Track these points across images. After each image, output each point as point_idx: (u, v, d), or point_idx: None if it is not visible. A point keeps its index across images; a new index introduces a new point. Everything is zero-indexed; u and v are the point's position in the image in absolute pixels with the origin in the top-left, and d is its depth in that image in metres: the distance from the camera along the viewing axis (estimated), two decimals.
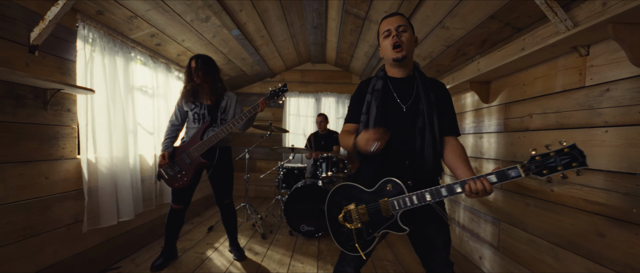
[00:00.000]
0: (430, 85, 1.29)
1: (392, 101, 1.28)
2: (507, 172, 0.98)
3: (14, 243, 1.58)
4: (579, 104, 1.56)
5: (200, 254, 2.50)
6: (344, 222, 1.25)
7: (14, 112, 1.58)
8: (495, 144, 2.24)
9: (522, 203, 1.93)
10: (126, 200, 2.23)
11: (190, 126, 2.23)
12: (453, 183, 1.07)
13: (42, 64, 1.73)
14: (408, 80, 1.30)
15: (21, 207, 1.62)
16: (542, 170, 0.93)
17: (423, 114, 1.22)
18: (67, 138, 1.89)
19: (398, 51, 1.23)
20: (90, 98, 2.00)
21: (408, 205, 1.11)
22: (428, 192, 1.08)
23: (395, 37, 1.22)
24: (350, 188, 1.28)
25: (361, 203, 1.22)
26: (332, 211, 1.32)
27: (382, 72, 1.34)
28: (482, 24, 2.11)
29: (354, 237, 1.21)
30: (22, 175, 1.62)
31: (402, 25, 1.24)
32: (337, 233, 1.29)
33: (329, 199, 1.34)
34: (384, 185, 1.17)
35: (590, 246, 1.47)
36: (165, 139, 2.19)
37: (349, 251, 1.25)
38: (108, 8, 2.02)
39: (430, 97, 1.25)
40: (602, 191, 1.42)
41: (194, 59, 2.13)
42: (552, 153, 0.92)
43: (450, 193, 1.06)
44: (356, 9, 2.65)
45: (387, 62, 1.32)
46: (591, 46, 1.51)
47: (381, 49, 1.33)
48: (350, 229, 1.23)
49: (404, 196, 1.12)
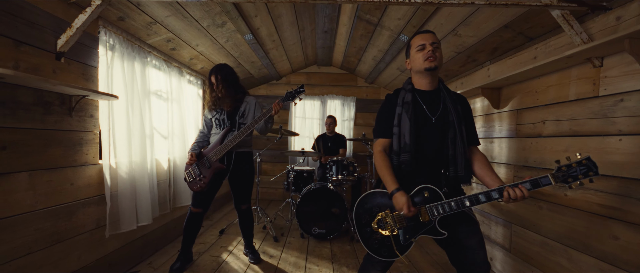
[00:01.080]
0: (456, 98, 1.39)
1: (421, 112, 1.34)
2: (539, 180, 1.10)
3: (42, 249, 1.59)
4: (592, 113, 1.63)
5: (215, 257, 2.52)
6: (378, 229, 1.29)
7: (43, 119, 1.59)
8: (507, 149, 2.32)
9: (535, 206, 2.00)
10: (144, 205, 2.25)
11: (213, 132, 2.29)
12: (490, 190, 1.15)
13: (68, 71, 1.74)
14: (435, 93, 1.38)
15: (49, 214, 1.63)
16: (567, 178, 1.08)
17: (454, 126, 1.30)
18: (90, 144, 1.90)
19: (431, 61, 1.30)
20: (111, 104, 2.02)
21: (447, 211, 1.18)
22: (467, 199, 1.15)
23: (430, 52, 1.30)
24: (382, 195, 1.32)
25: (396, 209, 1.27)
26: (361, 218, 1.35)
27: (409, 85, 1.40)
28: (495, 32, 2.18)
29: (392, 243, 1.25)
30: (50, 182, 1.63)
31: (435, 42, 1.32)
32: (369, 240, 1.32)
33: (357, 206, 1.37)
34: (420, 191, 1.23)
35: (605, 248, 1.54)
36: (194, 143, 2.30)
37: (383, 257, 1.28)
38: (130, 14, 2.03)
39: (458, 110, 1.34)
40: (616, 196, 1.50)
41: (214, 75, 2.18)
42: (574, 163, 1.07)
43: (488, 199, 1.14)
44: (369, 15, 2.70)
45: (418, 73, 1.37)
46: (605, 58, 1.58)
47: (411, 61, 1.40)
48: (386, 236, 1.27)
49: (443, 203, 1.18)
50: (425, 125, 1.33)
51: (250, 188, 2.40)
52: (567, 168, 1.08)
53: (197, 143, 2.30)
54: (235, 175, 2.29)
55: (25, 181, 1.50)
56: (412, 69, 1.40)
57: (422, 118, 1.33)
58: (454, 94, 1.41)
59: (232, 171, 2.27)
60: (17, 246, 1.46)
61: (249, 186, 2.39)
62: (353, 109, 4.68)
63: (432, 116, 1.33)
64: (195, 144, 2.29)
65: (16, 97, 1.46)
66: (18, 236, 1.46)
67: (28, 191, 1.51)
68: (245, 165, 2.31)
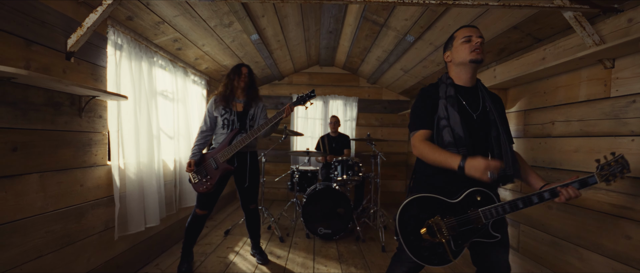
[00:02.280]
0: (494, 98, 1.36)
1: (463, 109, 1.29)
2: (587, 180, 1.14)
3: (52, 252, 1.56)
4: (604, 114, 1.65)
5: (222, 258, 2.51)
6: (428, 236, 1.21)
7: (53, 120, 1.57)
8: (515, 149, 2.33)
9: (544, 206, 2.02)
10: (152, 206, 2.23)
11: (219, 132, 2.25)
12: (542, 191, 1.16)
13: (77, 71, 1.72)
14: (473, 89, 1.33)
15: (60, 216, 1.60)
16: (609, 177, 1.11)
17: (496, 125, 1.26)
18: (99, 145, 1.88)
19: (478, 53, 1.25)
20: (119, 104, 1.99)
21: (501, 213, 1.16)
22: (520, 201, 1.15)
23: (478, 44, 1.25)
24: (427, 200, 1.24)
25: (446, 215, 1.21)
26: (406, 225, 1.24)
27: (449, 79, 1.33)
28: (504, 33, 2.20)
29: (447, 250, 1.19)
30: (60, 183, 1.61)
31: (481, 36, 1.28)
32: (417, 248, 1.23)
33: (401, 212, 1.25)
34: (472, 195, 1.19)
35: (617, 247, 1.56)
36: (194, 146, 2.22)
37: (435, 264, 1.22)
38: (138, 14, 2.01)
39: (498, 109, 1.32)
40: (629, 196, 1.52)
41: (245, 67, 2.27)
42: (613, 162, 1.10)
43: (541, 200, 1.15)
44: (376, 15, 2.70)
45: (460, 65, 1.30)
46: (617, 59, 1.60)
47: (453, 53, 1.33)
48: (438, 243, 1.20)
49: (497, 206, 1.16)
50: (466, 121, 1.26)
51: (258, 188, 2.40)
52: (608, 167, 1.11)
53: (198, 146, 2.23)
54: (244, 175, 2.27)
55: (36, 183, 1.48)
56: (452, 61, 1.34)
57: (463, 114, 1.27)
58: (492, 93, 1.38)
59: (242, 172, 2.26)
60: (28, 249, 1.43)
61: (257, 186, 2.39)
62: (355, 110, 4.68)
63: (473, 112, 1.28)
64: (196, 148, 2.22)
65: (27, 97, 1.43)
66: (29, 240, 1.44)
67: (39, 193, 1.49)
68: (253, 165, 2.30)
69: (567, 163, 1.85)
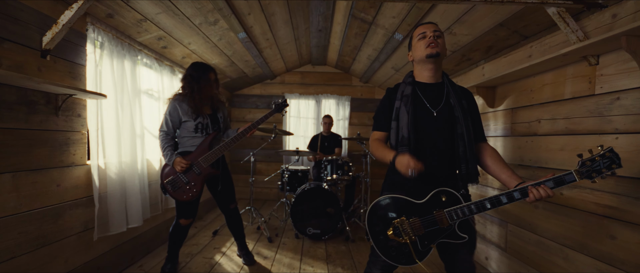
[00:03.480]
0: (462, 93, 1.32)
1: (421, 106, 1.28)
2: (563, 177, 1.05)
3: (26, 253, 1.53)
4: (588, 111, 1.62)
5: (208, 259, 2.48)
6: (395, 237, 1.21)
7: (27, 119, 1.54)
8: (502, 148, 2.30)
9: (531, 205, 1.99)
10: (135, 206, 2.19)
11: (189, 135, 2.09)
12: (512, 190, 1.09)
13: (54, 69, 1.69)
14: (437, 86, 1.32)
15: (34, 216, 1.57)
16: (591, 173, 1.02)
17: (460, 120, 1.24)
18: (77, 144, 1.85)
19: (433, 47, 1.24)
20: (99, 103, 1.96)
21: (467, 214, 1.12)
22: (488, 201, 1.10)
23: (432, 38, 1.25)
24: (395, 200, 1.24)
25: (412, 216, 1.20)
26: (376, 226, 1.26)
27: (410, 78, 1.34)
28: (490, 31, 2.17)
29: (411, 250, 1.18)
30: (35, 183, 1.58)
31: (437, 31, 1.28)
32: (385, 248, 1.24)
33: (370, 213, 1.28)
34: (437, 195, 1.17)
35: (601, 247, 1.53)
36: (166, 149, 2.02)
37: (401, 264, 1.22)
38: (118, 11, 1.98)
39: (464, 104, 1.28)
40: (613, 195, 1.49)
41: (213, 73, 2.16)
42: (598, 157, 1.01)
43: (510, 200, 1.09)
44: (364, 13, 2.67)
45: (420, 63, 1.31)
46: (601, 55, 1.57)
47: (413, 52, 1.34)
48: (403, 243, 1.20)
49: (463, 207, 1.13)
50: (426, 119, 1.26)
51: (233, 187, 2.35)
52: (591, 162, 1.02)
53: (171, 147, 2.03)
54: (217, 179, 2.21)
55: (9, 183, 1.45)
56: (414, 60, 1.35)
57: (422, 112, 1.27)
58: (459, 87, 1.34)
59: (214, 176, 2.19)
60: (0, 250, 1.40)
61: (232, 185, 2.34)
62: (348, 109, 4.65)
63: (433, 109, 1.27)
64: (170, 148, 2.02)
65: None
66: (1, 241, 1.41)
67: (11, 194, 1.46)
68: (224, 168, 2.27)
69: (553, 162, 1.82)
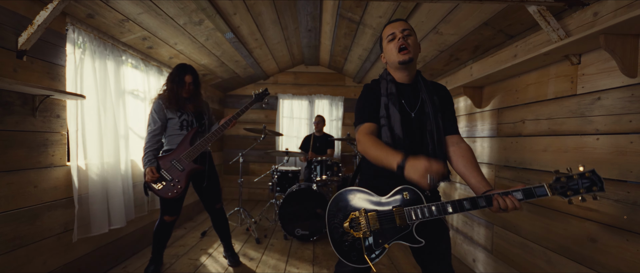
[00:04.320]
0: (433, 88, 1.28)
1: (402, 107, 1.23)
2: (534, 190, 0.98)
3: (2, 255, 1.53)
4: (570, 112, 1.59)
5: (193, 260, 2.47)
6: (350, 230, 1.15)
7: (2, 120, 1.53)
8: (489, 149, 2.28)
9: None
10: (117, 207, 2.18)
11: (173, 133, 2.12)
12: (477, 197, 1.02)
13: (31, 70, 1.68)
14: (413, 86, 1.27)
15: (9, 217, 1.56)
16: (567, 191, 0.96)
17: (430, 117, 1.20)
18: (56, 145, 1.84)
19: (404, 53, 1.19)
20: (80, 103, 1.95)
21: (426, 215, 1.06)
22: (450, 204, 1.04)
23: (401, 40, 1.19)
24: (357, 192, 1.19)
25: (371, 210, 1.14)
26: (334, 217, 1.19)
27: (389, 76, 1.28)
28: (476, 30, 2.14)
29: (362, 247, 1.12)
30: (10, 184, 1.57)
31: (406, 29, 1.22)
32: (339, 242, 1.17)
33: (331, 204, 1.22)
34: (400, 192, 1.11)
35: (583, 251, 1.50)
36: (148, 153, 2.02)
37: (352, 262, 1.14)
38: (98, 11, 1.97)
39: (435, 100, 1.24)
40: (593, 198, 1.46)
41: (190, 74, 2.14)
42: (576, 176, 0.95)
43: (474, 207, 1.02)
44: (351, 13, 2.65)
45: (392, 66, 1.26)
46: (583, 54, 1.54)
47: (385, 54, 1.29)
48: (357, 238, 1.14)
49: (423, 207, 1.07)
50: (404, 120, 1.21)
51: (219, 186, 2.34)
52: (566, 179, 0.96)
53: (153, 151, 2.03)
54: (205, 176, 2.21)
55: None
56: (387, 63, 1.30)
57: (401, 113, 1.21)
58: (431, 83, 1.30)
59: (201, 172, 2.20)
60: None
61: (218, 184, 2.33)
62: (341, 109, 4.63)
63: (411, 111, 1.23)
64: (151, 154, 2.02)
65: None
66: None
67: None
68: (211, 164, 2.27)
69: (537, 163, 1.80)
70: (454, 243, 2.71)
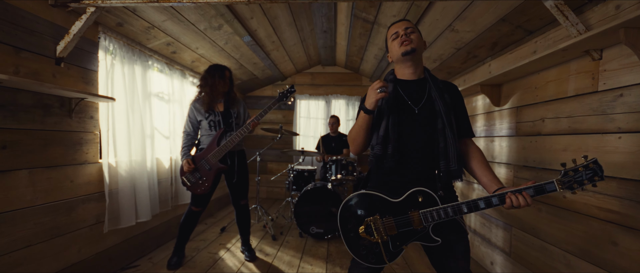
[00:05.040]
0: (444, 86, 1.29)
1: (403, 103, 1.25)
2: (544, 186, 1.00)
3: (42, 242, 1.70)
4: (591, 110, 1.53)
5: (213, 254, 2.58)
6: (366, 235, 1.18)
7: (43, 120, 1.70)
8: (507, 149, 2.21)
9: (534, 209, 1.90)
10: (144, 202, 2.34)
11: (205, 133, 2.31)
12: (490, 196, 1.05)
13: (67, 75, 1.85)
14: (419, 82, 1.29)
15: (49, 209, 1.73)
16: (573, 184, 0.98)
17: (441, 115, 1.20)
18: (90, 144, 2.01)
19: (406, 44, 1.21)
20: (111, 105, 2.12)
21: (443, 217, 1.09)
22: (465, 205, 1.06)
23: (404, 36, 1.22)
24: (369, 197, 1.21)
25: (386, 215, 1.16)
26: (347, 222, 1.23)
27: (391, 76, 1.32)
28: (493, 27, 2.09)
29: (382, 251, 1.15)
30: (50, 179, 1.74)
31: (409, 27, 1.25)
32: (355, 246, 1.20)
33: (342, 209, 1.25)
34: (414, 195, 1.13)
35: (603, 254, 1.44)
36: (183, 148, 2.28)
37: (370, 263, 1.18)
38: (127, 20, 2.12)
39: (446, 98, 1.24)
40: (615, 199, 1.39)
41: (228, 70, 2.34)
42: (581, 168, 0.97)
43: (488, 205, 1.05)
44: (365, 13, 2.67)
45: (397, 61, 1.29)
46: (604, 49, 1.48)
47: (390, 52, 1.32)
48: (375, 242, 1.17)
49: (438, 209, 1.09)
50: (408, 116, 1.23)
51: (248, 184, 2.47)
52: (574, 172, 0.98)
53: (186, 147, 2.28)
54: (234, 173, 2.34)
55: (25, 178, 1.61)
56: (393, 61, 1.32)
57: (403, 109, 1.24)
58: (441, 82, 1.30)
59: (231, 169, 2.33)
60: (16, 239, 1.56)
61: (247, 182, 2.46)
62: (358, 109, 4.63)
63: (415, 106, 1.24)
64: (186, 149, 2.28)
65: (16, 100, 1.56)
66: (18, 230, 1.57)
67: (28, 188, 1.62)
68: (242, 163, 2.39)
69: (556, 163, 1.73)
70: (472, 245, 2.65)
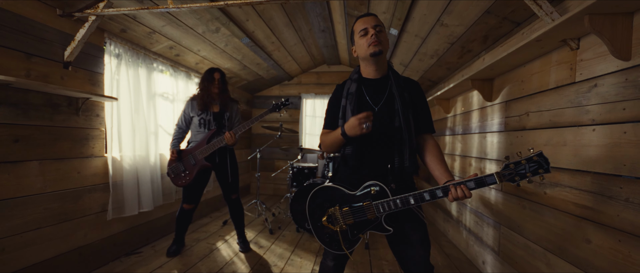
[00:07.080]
0: (405, 84, 1.31)
1: (364, 103, 1.29)
2: (484, 179, 1.03)
3: (51, 226, 1.91)
4: (569, 102, 1.47)
5: (210, 245, 2.73)
6: (328, 224, 1.27)
7: (51, 118, 1.91)
8: (497, 145, 2.14)
9: (519, 205, 1.84)
10: (146, 193, 2.53)
11: (195, 130, 2.44)
12: (435, 188, 1.09)
13: (75, 77, 2.06)
14: (382, 81, 1.31)
15: (58, 196, 1.94)
16: (514, 177, 1.00)
17: (399, 114, 1.23)
18: (96, 139, 2.22)
19: (375, 45, 1.22)
20: (115, 104, 2.32)
21: (392, 208, 1.15)
22: (412, 196, 1.12)
23: (374, 36, 1.23)
24: (332, 190, 1.29)
25: (345, 206, 1.25)
26: (314, 213, 1.33)
27: (356, 74, 1.34)
28: (480, 20, 2.05)
29: (340, 239, 1.25)
30: (58, 170, 1.95)
31: (378, 25, 1.25)
32: (321, 234, 1.31)
33: (309, 201, 1.34)
34: (368, 188, 1.21)
35: (578, 252, 1.38)
36: (173, 140, 2.45)
37: (335, 250, 1.28)
38: (129, 26, 2.32)
39: (405, 96, 1.26)
40: (589, 194, 1.33)
41: (218, 73, 2.45)
42: (524, 161, 0.99)
43: (433, 197, 1.10)
44: (356, 11, 2.70)
45: (364, 60, 1.31)
46: (581, 39, 1.42)
47: (356, 48, 1.33)
48: (335, 231, 1.26)
49: (388, 200, 1.16)
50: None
51: (237, 179, 2.57)
52: (515, 165, 1.00)
53: (176, 139, 2.43)
54: (222, 169, 2.47)
55: (36, 168, 1.82)
56: (358, 56, 1.34)
57: (366, 109, 1.27)
58: (403, 79, 1.33)
59: (223, 168, 2.46)
60: (28, 221, 1.78)
61: (237, 177, 2.56)
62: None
63: (375, 105, 1.28)
64: (175, 141, 2.43)
65: (27, 99, 1.78)
66: (29, 213, 1.78)
67: (38, 177, 1.83)
68: (226, 158, 2.49)
69: None
70: (467, 244, 2.59)
